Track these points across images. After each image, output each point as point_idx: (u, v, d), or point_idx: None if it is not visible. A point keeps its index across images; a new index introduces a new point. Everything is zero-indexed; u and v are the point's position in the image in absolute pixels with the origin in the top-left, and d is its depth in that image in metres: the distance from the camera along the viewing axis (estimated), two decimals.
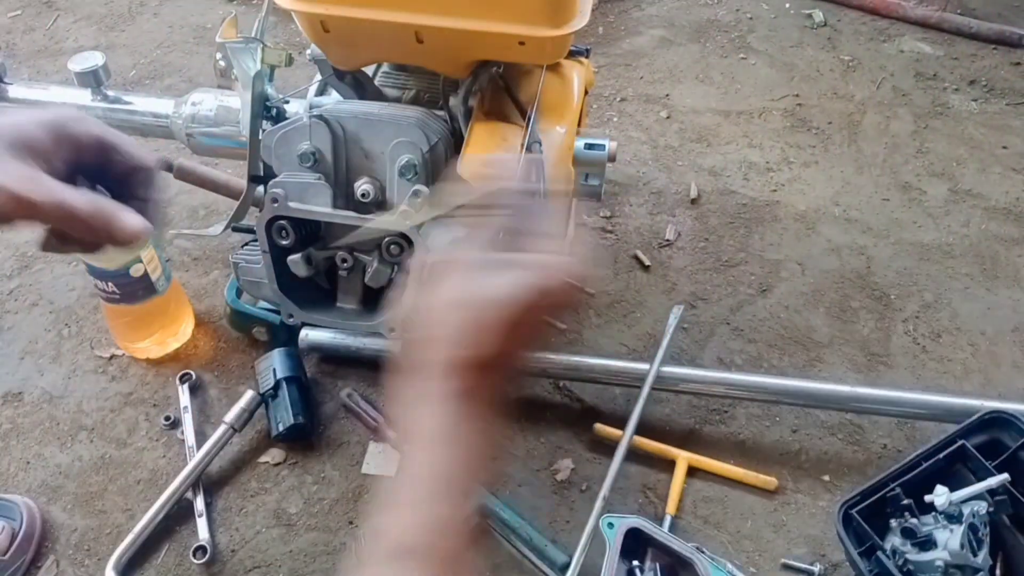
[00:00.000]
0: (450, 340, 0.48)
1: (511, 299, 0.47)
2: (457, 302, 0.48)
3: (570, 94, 0.95)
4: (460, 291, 0.48)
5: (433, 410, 0.47)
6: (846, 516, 0.89)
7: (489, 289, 0.47)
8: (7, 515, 0.94)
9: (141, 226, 0.50)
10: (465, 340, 0.47)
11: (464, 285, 0.48)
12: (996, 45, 1.70)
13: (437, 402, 0.47)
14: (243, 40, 0.93)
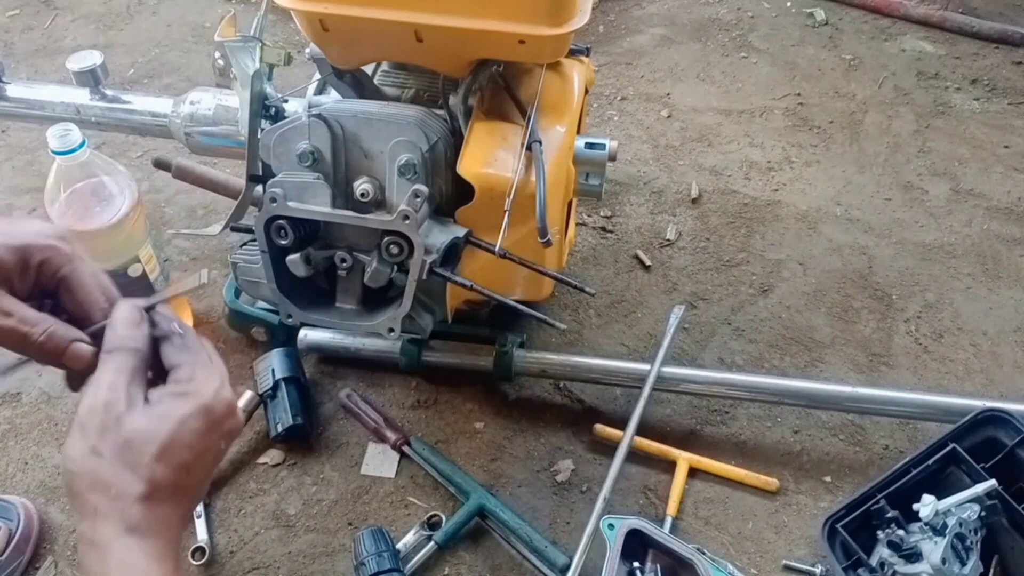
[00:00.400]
0: (116, 480, 0.50)
1: (161, 432, 0.50)
2: (114, 444, 0.50)
3: (570, 93, 0.94)
4: (113, 433, 0.50)
5: (113, 557, 0.48)
6: (831, 530, 0.89)
7: (139, 424, 0.50)
8: (4, 516, 0.93)
9: (88, 358, 0.53)
10: (128, 476, 0.50)
11: (114, 428, 0.50)
12: (998, 44, 1.70)
13: (115, 547, 0.49)
14: (242, 39, 0.92)
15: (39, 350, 0.52)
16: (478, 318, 1.09)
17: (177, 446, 0.51)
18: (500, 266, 0.87)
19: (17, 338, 0.52)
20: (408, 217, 0.80)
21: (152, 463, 0.50)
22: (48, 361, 0.54)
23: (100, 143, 1.43)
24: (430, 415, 1.07)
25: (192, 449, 0.52)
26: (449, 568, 0.93)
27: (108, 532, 0.49)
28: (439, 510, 0.96)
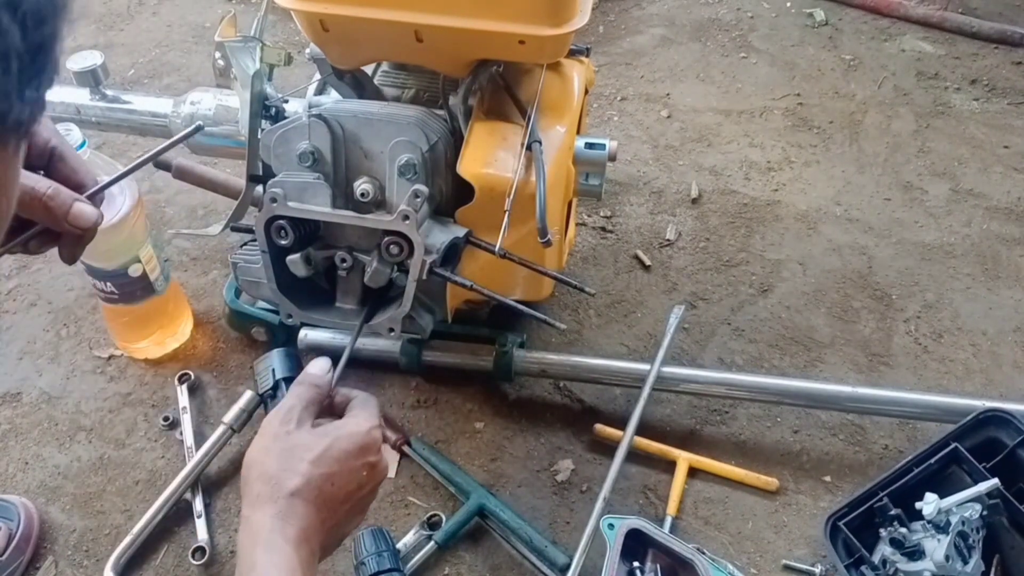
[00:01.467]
0: (277, 474, 0.61)
1: (318, 445, 0.63)
2: (281, 447, 0.63)
3: (570, 93, 0.94)
4: (282, 440, 0.64)
5: (280, 551, 0.58)
6: (834, 528, 0.89)
7: (303, 437, 0.64)
8: (5, 516, 0.93)
9: (92, 217, 0.56)
10: (286, 473, 0.61)
11: (284, 437, 0.64)
12: (998, 44, 1.70)
13: (284, 544, 0.58)
14: (242, 39, 0.92)
15: (44, 207, 0.53)
16: (478, 318, 1.09)
17: (327, 458, 0.63)
18: (500, 266, 0.87)
19: (23, 195, 0.52)
20: (408, 217, 0.80)
21: (306, 466, 0.61)
22: (52, 220, 0.55)
23: (100, 143, 1.43)
24: (430, 415, 1.07)
25: (338, 464, 0.63)
26: (449, 568, 0.93)
27: (262, 513, 0.59)
28: (439, 510, 0.96)
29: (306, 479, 0.61)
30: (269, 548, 0.58)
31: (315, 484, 0.61)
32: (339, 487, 0.63)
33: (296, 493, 0.60)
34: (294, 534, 0.59)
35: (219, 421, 1.01)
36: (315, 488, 0.61)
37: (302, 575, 0.58)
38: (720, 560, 0.91)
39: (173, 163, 1.08)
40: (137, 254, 1.02)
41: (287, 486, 0.60)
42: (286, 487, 0.60)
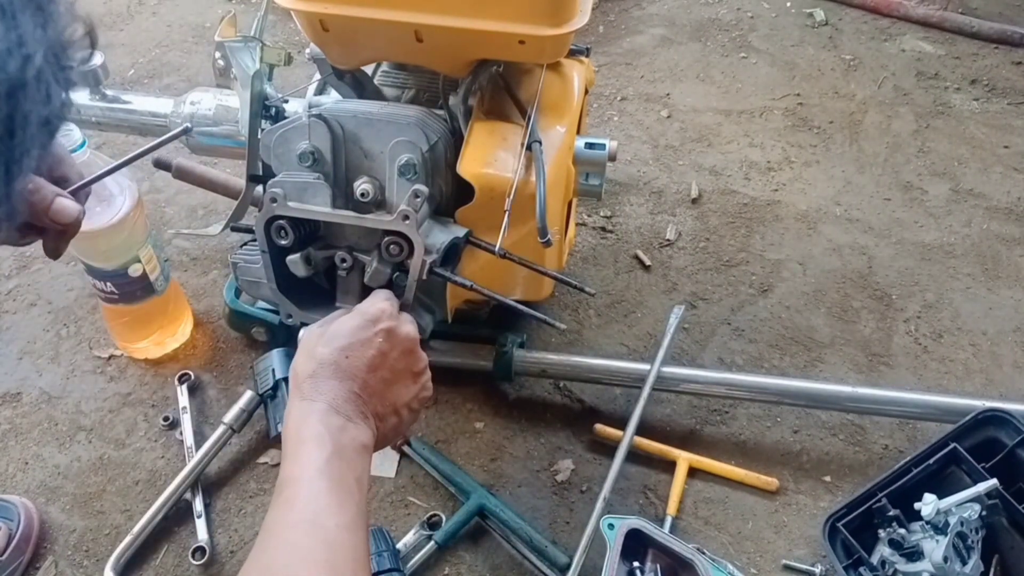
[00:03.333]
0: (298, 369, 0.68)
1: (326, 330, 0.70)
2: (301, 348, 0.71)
3: (570, 93, 0.94)
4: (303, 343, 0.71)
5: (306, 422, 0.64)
6: (832, 529, 0.89)
7: (314, 330, 0.72)
8: (5, 516, 0.93)
9: (74, 214, 0.58)
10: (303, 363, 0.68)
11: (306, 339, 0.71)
12: (997, 44, 1.70)
13: (308, 416, 0.64)
14: (242, 39, 0.92)
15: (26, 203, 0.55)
16: (478, 318, 1.09)
17: (335, 337, 0.68)
18: (500, 266, 0.87)
19: None
20: (408, 217, 0.80)
21: (319, 350, 0.68)
22: (34, 215, 0.56)
23: (100, 143, 1.43)
24: (430, 415, 1.07)
25: (347, 338, 0.68)
26: (449, 568, 0.93)
27: (292, 403, 0.66)
28: (439, 510, 0.96)
29: (319, 360, 0.67)
30: (298, 423, 0.64)
31: (329, 361, 0.67)
32: (356, 356, 0.67)
33: (314, 375, 0.66)
34: (319, 407, 0.64)
35: (219, 421, 1.01)
36: (330, 364, 0.67)
37: (330, 437, 0.62)
38: (720, 560, 0.91)
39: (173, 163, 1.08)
40: (137, 254, 1.02)
41: (306, 371, 0.67)
42: (305, 374, 0.67)
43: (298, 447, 0.62)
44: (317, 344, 0.68)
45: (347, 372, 0.67)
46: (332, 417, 0.64)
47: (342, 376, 0.66)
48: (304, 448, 0.61)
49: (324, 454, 0.61)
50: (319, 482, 0.60)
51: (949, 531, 0.84)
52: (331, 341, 0.68)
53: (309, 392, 0.65)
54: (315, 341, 0.69)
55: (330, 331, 0.69)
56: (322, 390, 0.65)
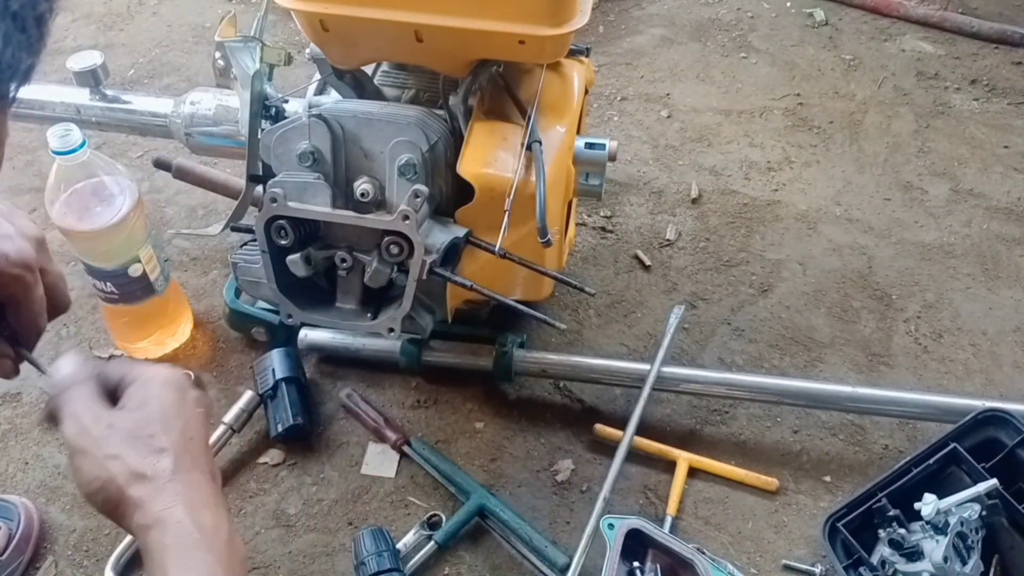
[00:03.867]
0: (146, 467, 0.54)
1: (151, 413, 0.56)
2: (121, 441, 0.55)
3: (570, 93, 0.94)
4: (115, 435, 0.55)
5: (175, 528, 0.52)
6: (832, 529, 0.89)
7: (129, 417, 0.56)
8: (5, 516, 0.93)
9: (8, 371, 0.63)
10: (153, 458, 0.55)
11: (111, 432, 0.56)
12: (997, 44, 1.70)
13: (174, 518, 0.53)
14: (242, 39, 0.92)
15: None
16: (478, 318, 1.09)
17: (169, 417, 0.56)
18: (500, 266, 0.87)
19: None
20: (408, 217, 0.80)
21: (163, 437, 0.55)
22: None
23: (100, 143, 1.43)
24: (430, 415, 1.07)
25: (180, 416, 0.57)
26: (449, 568, 0.93)
27: (160, 511, 0.53)
28: (439, 510, 0.96)
29: (175, 449, 0.55)
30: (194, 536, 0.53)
31: (182, 448, 0.56)
32: (196, 437, 0.57)
33: (176, 470, 0.54)
34: (205, 516, 0.54)
35: (219, 421, 1.01)
36: (184, 452, 0.56)
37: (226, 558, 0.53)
38: (720, 560, 0.91)
39: (173, 163, 1.08)
40: (137, 254, 1.02)
41: (166, 469, 0.54)
42: (165, 470, 0.54)
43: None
44: (153, 434, 0.55)
45: (196, 456, 0.56)
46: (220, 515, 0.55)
47: (198, 461, 0.56)
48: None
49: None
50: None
51: (949, 531, 0.84)
52: (170, 425, 0.56)
53: (183, 494, 0.54)
54: (142, 427, 0.55)
55: (160, 415, 0.56)
56: (193, 485, 0.55)
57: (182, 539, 0.52)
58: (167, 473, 0.54)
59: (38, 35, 0.34)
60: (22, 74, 0.34)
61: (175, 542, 0.52)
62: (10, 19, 0.32)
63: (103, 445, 0.55)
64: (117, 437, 0.55)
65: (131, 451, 0.54)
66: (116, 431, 0.55)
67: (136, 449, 0.54)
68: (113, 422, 0.56)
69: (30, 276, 0.61)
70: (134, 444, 0.55)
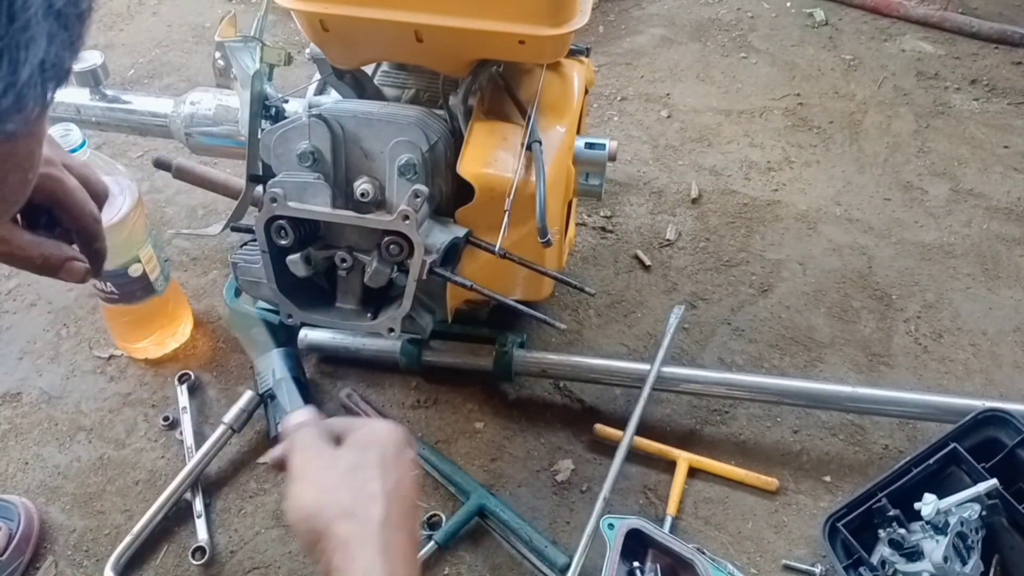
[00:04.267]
0: (358, 506, 0.54)
1: (370, 455, 0.57)
2: (340, 476, 0.56)
3: (570, 93, 0.94)
4: (334, 470, 0.57)
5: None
6: (832, 529, 0.89)
7: (351, 455, 0.58)
8: (5, 516, 0.93)
9: (82, 273, 0.62)
10: (366, 500, 0.54)
11: (332, 465, 0.57)
12: (997, 44, 1.70)
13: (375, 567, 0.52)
14: (242, 39, 0.92)
15: (38, 271, 0.60)
16: (478, 318, 1.09)
17: (387, 465, 0.57)
18: (500, 266, 0.87)
19: (18, 261, 0.59)
20: (408, 217, 0.80)
21: (376, 483, 0.55)
22: (48, 269, 0.60)
23: (100, 143, 1.43)
24: (430, 415, 1.07)
25: (397, 469, 0.57)
26: (449, 568, 0.93)
27: (363, 555, 0.52)
28: (439, 510, 0.96)
29: (388, 496, 0.55)
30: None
31: (395, 496, 0.55)
32: (406, 491, 0.57)
33: (386, 521, 0.53)
34: (402, 568, 0.53)
35: (219, 421, 1.01)
36: (397, 501, 0.55)
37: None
38: (720, 560, 0.91)
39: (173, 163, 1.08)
40: (137, 254, 1.02)
41: (376, 516, 0.53)
42: (375, 517, 0.53)
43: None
44: (371, 477, 0.55)
45: (405, 515, 0.56)
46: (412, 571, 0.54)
47: (406, 524, 0.55)
48: None
49: None
50: None
51: (949, 531, 0.84)
52: (387, 470, 0.56)
53: (386, 544, 0.52)
54: (361, 471, 0.56)
55: (380, 459, 0.57)
56: (398, 546, 0.53)
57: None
58: (375, 521, 0.53)
59: (79, 33, 0.33)
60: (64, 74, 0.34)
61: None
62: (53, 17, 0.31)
63: (323, 476, 0.56)
64: (336, 472, 0.56)
65: (346, 488, 0.55)
66: (336, 466, 0.57)
67: (350, 487, 0.55)
68: (336, 457, 0.57)
69: (56, 170, 0.61)
70: (351, 482, 0.55)
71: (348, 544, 0.52)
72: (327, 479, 0.56)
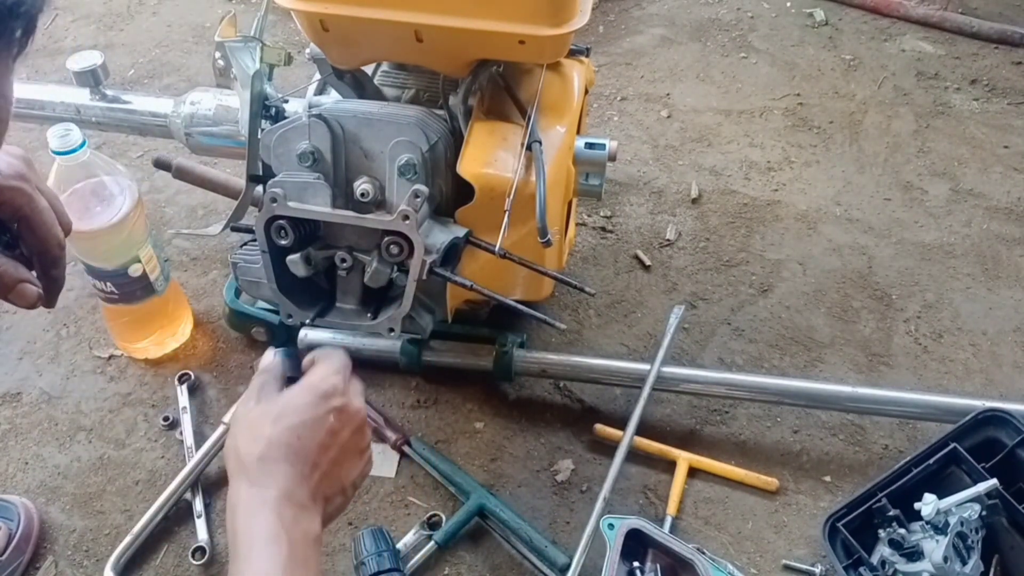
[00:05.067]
0: (243, 447, 0.63)
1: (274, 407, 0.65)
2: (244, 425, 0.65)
3: (570, 93, 0.94)
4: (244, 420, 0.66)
5: (258, 516, 0.59)
6: (832, 529, 0.89)
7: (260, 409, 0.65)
8: (4, 516, 0.93)
9: (33, 298, 0.63)
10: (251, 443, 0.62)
11: (244, 416, 0.66)
12: (997, 44, 1.70)
13: (261, 508, 0.59)
14: (242, 39, 0.92)
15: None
16: (478, 318, 1.09)
17: (285, 415, 0.63)
18: (500, 266, 0.87)
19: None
20: (408, 217, 0.80)
21: (267, 429, 0.62)
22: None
23: (100, 143, 1.43)
24: (430, 415, 1.07)
25: (298, 416, 0.63)
26: (449, 568, 0.93)
27: (237, 486, 0.61)
28: (439, 510, 0.96)
29: (268, 441, 0.62)
30: (248, 514, 0.59)
31: (279, 442, 0.62)
32: (307, 437, 0.63)
33: (263, 457, 0.61)
34: (274, 494, 0.59)
35: (219, 421, 1.01)
36: (281, 445, 0.62)
37: (286, 535, 0.58)
38: (720, 560, 0.91)
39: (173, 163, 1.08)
40: (137, 254, 1.02)
41: (254, 453, 0.61)
42: (253, 454, 0.61)
43: (252, 547, 0.57)
44: (263, 422, 0.63)
45: (299, 454, 0.62)
46: (285, 508, 0.59)
47: (293, 459, 0.62)
48: (258, 549, 0.57)
49: (281, 557, 0.56)
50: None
51: (949, 531, 0.84)
52: (280, 419, 0.63)
53: (258, 477, 0.60)
54: (259, 419, 0.64)
55: (279, 408, 0.64)
56: (273, 475, 0.60)
57: (240, 517, 0.59)
58: (253, 458, 0.61)
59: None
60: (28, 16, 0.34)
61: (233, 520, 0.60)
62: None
63: (238, 423, 0.66)
64: (246, 420, 0.65)
65: (245, 433, 0.64)
66: (249, 415, 0.65)
67: (249, 433, 0.63)
68: (254, 407, 0.66)
69: (28, 186, 0.62)
70: (250, 429, 0.63)
71: (233, 474, 0.62)
72: (241, 425, 0.65)
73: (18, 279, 0.61)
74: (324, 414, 0.64)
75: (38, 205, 0.62)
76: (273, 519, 0.58)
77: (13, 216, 0.62)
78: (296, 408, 0.64)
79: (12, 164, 0.61)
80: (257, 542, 0.57)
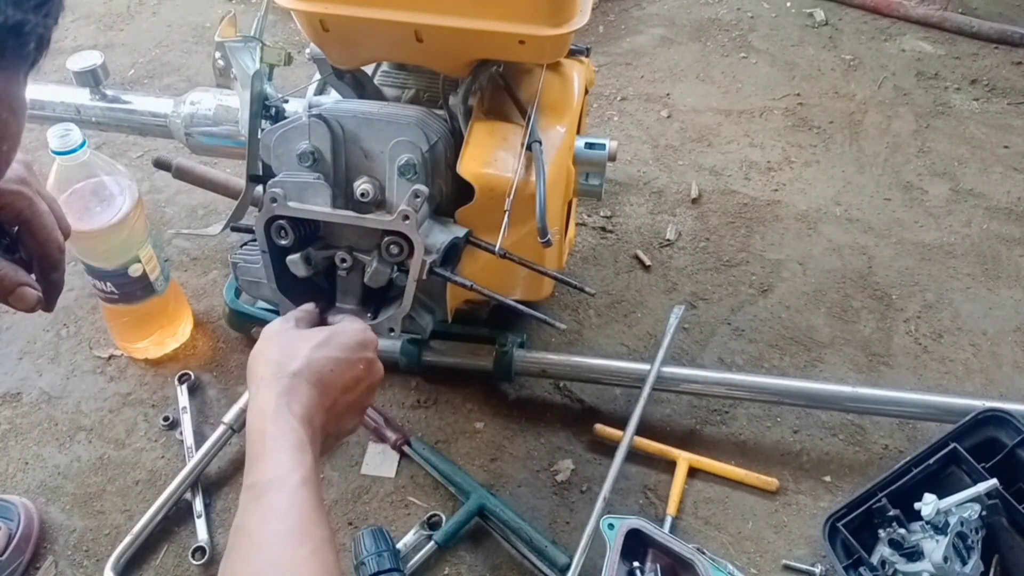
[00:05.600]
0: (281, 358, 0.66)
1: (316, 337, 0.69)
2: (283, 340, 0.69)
3: (570, 93, 0.94)
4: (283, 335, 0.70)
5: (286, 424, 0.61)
6: (832, 529, 0.89)
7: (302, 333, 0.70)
8: (4, 516, 0.93)
9: (32, 302, 0.63)
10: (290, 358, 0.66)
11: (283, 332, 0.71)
12: (997, 44, 1.70)
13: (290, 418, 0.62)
14: (242, 39, 0.92)
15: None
16: (478, 318, 1.09)
17: (329, 344, 0.68)
18: (500, 266, 0.87)
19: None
20: (408, 217, 0.80)
21: (308, 350, 0.66)
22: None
23: (100, 143, 1.43)
24: (430, 415, 1.07)
25: (338, 352, 0.68)
26: (449, 568, 0.93)
27: (268, 392, 0.63)
28: (439, 510, 0.96)
29: (307, 361, 0.65)
30: (276, 421, 0.61)
31: (316, 367, 0.65)
32: (338, 374, 0.67)
33: (298, 373, 0.64)
34: (299, 411, 0.62)
35: (219, 421, 1.01)
36: (316, 371, 0.65)
37: (310, 447, 0.60)
38: (720, 560, 0.91)
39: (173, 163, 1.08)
40: (137, 254, 1.02)
41: (290, 367, 0.64)
42: (289, 368, 0.64)
43: (278, 447, 0.59)
44: (304, 343, 0.67)
45: (328, 385, 0.65)
46: (307, 426, 0.62)
47: (322, 387, 0.65)
48: (284, 450, 0.59)
49: (307, 462, 0.59)
50: (303, 491, 0.57)
51: (949, 531, 0.84)
52: (322, 347, 0.67)
53: (288, 388, 0.63)
54: (299, 339, 0.68)
55: (322, 337, 0.68)
56: (301, 393, 0.63)
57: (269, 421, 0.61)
58: (289, 371, 0.64)
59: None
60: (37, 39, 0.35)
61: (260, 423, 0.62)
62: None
63: (274, 336, 0.69)
64: (285, 336, 0.69)
65: (285, 346, 0.67)
66: (288, 333, 0.69)
67: (288, 348, 0.67)
68: (293, 329, 0.71)
69: (29, 190, 0.62)
70: (291, 345, 0.67)
71: (263, 380, 0.64)
72: (278, 337, 0.69)
73: (18, 283, 0.62)
74: (356, 360, 0.69)
75: (38, 209, 0.63)
76: (301, 430, 0.61)
77: (13, 220, 0.62)
78: (339, 344, 0.68)
79: (13, 168, 0.62)
80: (283, 447, 0.59)
